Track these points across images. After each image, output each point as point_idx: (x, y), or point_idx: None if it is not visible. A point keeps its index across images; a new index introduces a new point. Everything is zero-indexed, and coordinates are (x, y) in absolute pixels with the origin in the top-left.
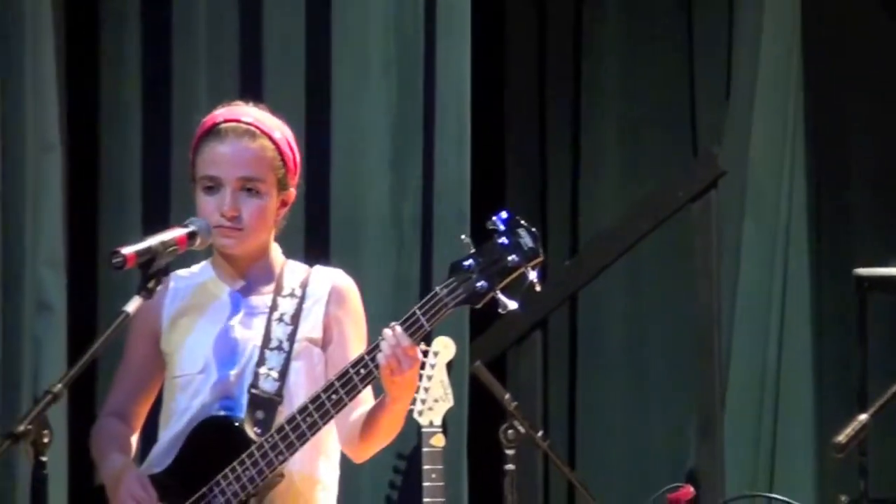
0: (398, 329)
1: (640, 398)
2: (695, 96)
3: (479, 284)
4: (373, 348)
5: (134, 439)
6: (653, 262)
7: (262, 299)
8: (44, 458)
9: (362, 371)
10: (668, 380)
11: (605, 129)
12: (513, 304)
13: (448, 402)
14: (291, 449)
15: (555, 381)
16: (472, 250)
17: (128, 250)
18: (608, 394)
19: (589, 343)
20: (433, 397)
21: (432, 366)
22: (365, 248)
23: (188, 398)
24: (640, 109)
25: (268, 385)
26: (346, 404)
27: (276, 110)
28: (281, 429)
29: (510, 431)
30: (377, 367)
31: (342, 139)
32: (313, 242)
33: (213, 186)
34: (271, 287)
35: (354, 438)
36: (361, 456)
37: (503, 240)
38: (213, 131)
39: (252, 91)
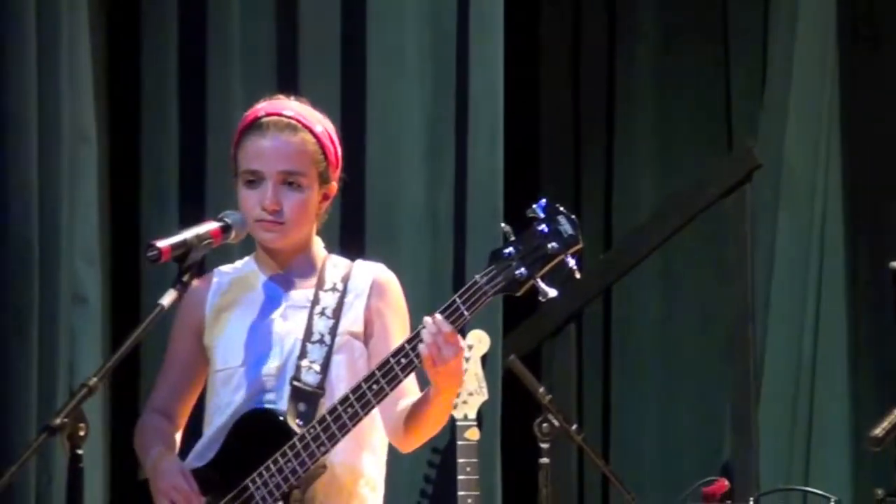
0: (438, 317)
1: (674, 391)
2: (730, 89)
3: (518, 272)
4: (413, 337)
5: (178, 436)
6: (686, 254)
7: (303, 293)
8: (80, 451)
9: (403, 361)
10: (702, 373)
11: (640, 122)
12: (553, 292)
13: (482, 396)
14: (333, 440)
15: (589, 375)
16: (512, 238)
17: (163, 243)
18: (642, 387)
19: (623, 336)
20: (468, 391)
21: (467, 359)
22: (400, 240)
23: (230, 392)
24: (675, 103)
25: (310, 378)
26: (387, 394)
27: (311, 102)
28: (323, 420)
29: (544, 425)
30: (418, 356)
31: (377, 132)
32: (349, 234)
33: (255, 180)
34: (313, 281)
35: (399, 429)
36: (407, 447)
37: (543, 227)
38: (255, 125)
39: (288, 85)
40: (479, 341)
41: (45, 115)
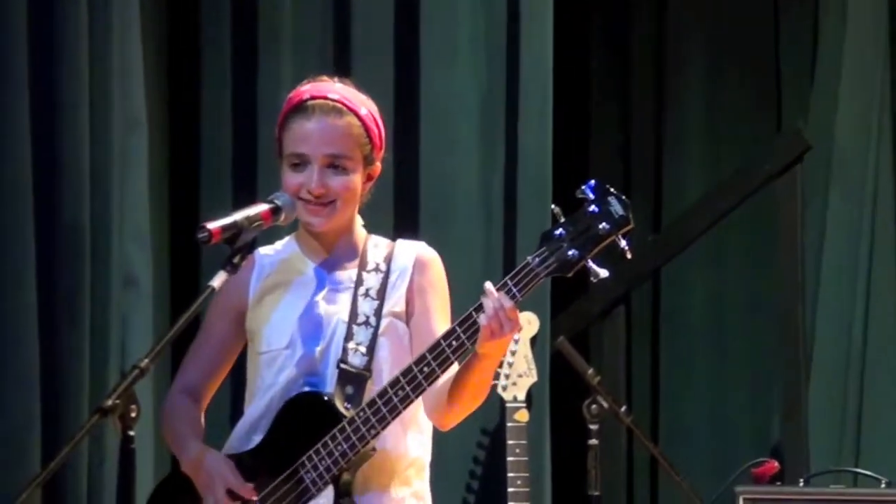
0: (499, 292)
1: (723, 372)
2: (780, 70)
3: (570, 253)
4: (465, 319)
5: (202, 418)
6: (737, 237)
7: (346, 274)
8: (131, 433)
9: (454, 343)
10: (752, 354)
11: (690, 103)
12: (604, 272)
13: (532, 378)
14: (383, 423)
15: (638, 356)
16: (563, 219)
17: (213, 225)
18: (692, 368)
19: (672, 318)
20: (517, 372)
21: (516, 341)
22: (453, 221)
23: (273, 374)
24: (725, 84)
25: (356, 360)
26: (438, 376)
27: (364, 85)
28: (372, 402)
29: (593, 406)
30: (470, 338)
31: (430, 116)
32: (402, 215)
33: (300, 163)
34: (355, 262)
35: (441, 404)
36: (448, 422)
37: (593, 208)
38: (300, 108)
39: (341, 70)
40: (528, 323)
41: (97, 99)
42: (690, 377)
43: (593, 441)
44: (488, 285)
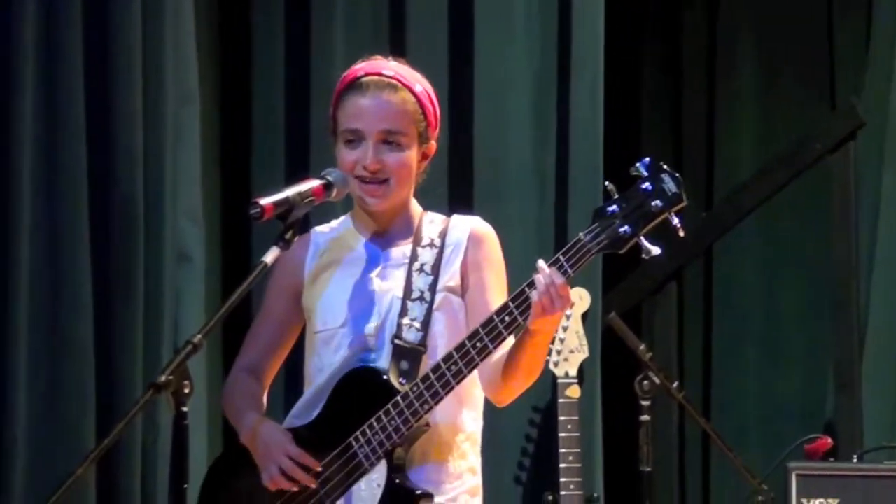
0: (551, 268)
1: (775, 348)
2: (833, 46)
3: (622, 230)
4: (517, 294)
5: (265, 396)
6: (789, 212)
7: (400, 250)
8: (185, 409)
9: (507, 319)
10: (804, 330)
11: (742, 80)
12: (656, 249)
13: (583, 354)
14: (437, 398)
15: (689, 332)
16: (616, 196)
17: (265, 201)
18: (744, 344)
19: (724, 294)
20: (569, 348)
21: (568, 317)
22: (507, 197)
23: (331, 353)
24: (778, 60)
25: (411, 335)
26: (490, 352)
27: (419, 63)
28: (426, 378)
29: (645, 382)
30: (522, 314)
31: (484, 93)
32: (457, 192)
33: (355, 140)
34: (410, 239)
35: (496, 380)
36: (504, 398)
37: (646, 185)
38: (355, 85)
39: (395, 48)
40: (579, 299)
41: (150, 74)
42: (742, 352)
43: (645, 417)
44: (541, 262)
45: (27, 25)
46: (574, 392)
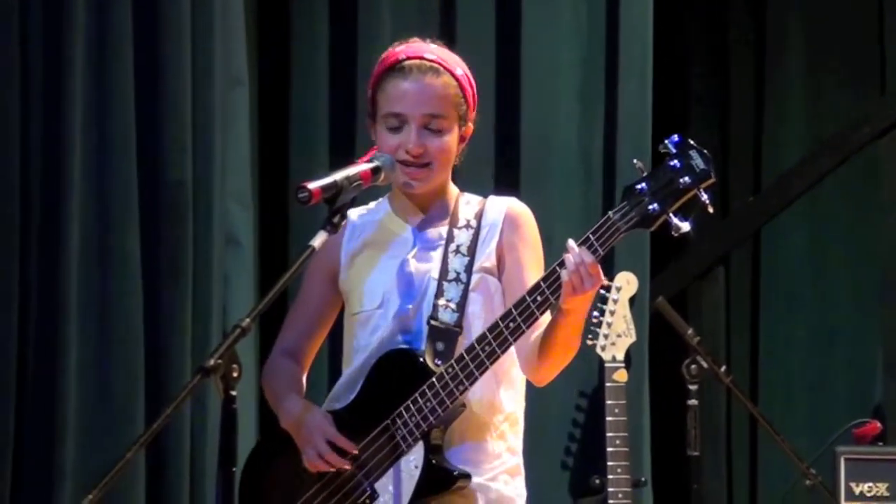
0: (581, 247)
1: (823, 333)
2: (883, 31)
3: (651, 207)
4: (549, 275)
5: (304, 379)
6: (838, 196)
7: (437, 231)
8: (233, 392)
9: (539, 298)
10: (853, 314)
11: (791, 64)
12: (686, 226)
13: (630, 338)
14: (471, 378)
15: (737, 316)
16: (645, 174)
17: (313, 185)
18: (791, 328)
19: (772, 278)
20: (616, 332)
21: (615, 301)
22: (554, 181)
23: (368, 334)
24: (826, 45)
25: (447, 316)
26: (524, 332)
27: (466, 46)
28: (461, 358)
29: (693, 366)
30: (554, 293)
31: (531, 75)
32: (503, 175)
33: (397, 123)
34: (447, 220)
35: (533, 360)
36: (542, 377)
37: (675, 162)
38: (397, 68)
39: (443, 30)
40: (627, 283)
41: (199, 58)
42: (790, 337)
43: (692, 401)
44: (570, 242)
45: (78, 11)
46: (621, 376)
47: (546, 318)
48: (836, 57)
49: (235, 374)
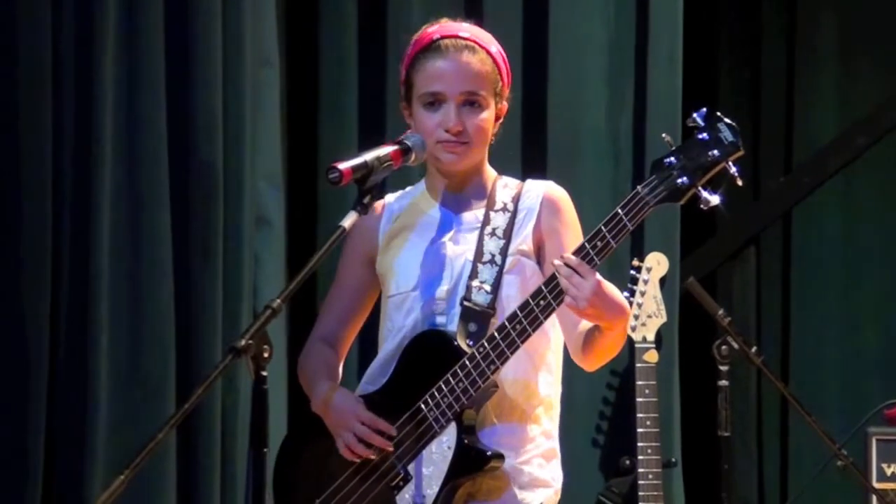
0: (569, 258)
1: (855, 313)
2: None
3: (680, 181)
4: (578, 250)
5: (340, 366)
6: (870, 176)
7: (473, 214)
8: (264, 373)
9: None
10: (885, 295)
11: (823, 43)
12: (715, 199)
13: (661, 318)
14: (502, 358)
15: (768, 297)
16: (673, 148)
17: (344, 165)
18: (823, 308)
19: (803, 259)
20: (646, 313)
21: (645, 281)
22: (582, 162)
23: (402, 316)
24: (859, 23)
25: (480, 298)
26: (553, 310)
27: (494, 24)
28: (491, 338)
29: (723, 347)
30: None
31: (560, 57)
32: (530, 154)
33: (435, 102)
34: (483, 203)
35: (580, 351)
36: (589, 367)
37: (703, 135)
38: (433, 47)
39: (472, 11)
40: (657, 263)
41: (230, 39)
42: (821, 317)
43: (723, 382)
44: (556, 262)
45: None
46: (652, 357)
47: None
48: (868, 35)
49: (266, 355)
